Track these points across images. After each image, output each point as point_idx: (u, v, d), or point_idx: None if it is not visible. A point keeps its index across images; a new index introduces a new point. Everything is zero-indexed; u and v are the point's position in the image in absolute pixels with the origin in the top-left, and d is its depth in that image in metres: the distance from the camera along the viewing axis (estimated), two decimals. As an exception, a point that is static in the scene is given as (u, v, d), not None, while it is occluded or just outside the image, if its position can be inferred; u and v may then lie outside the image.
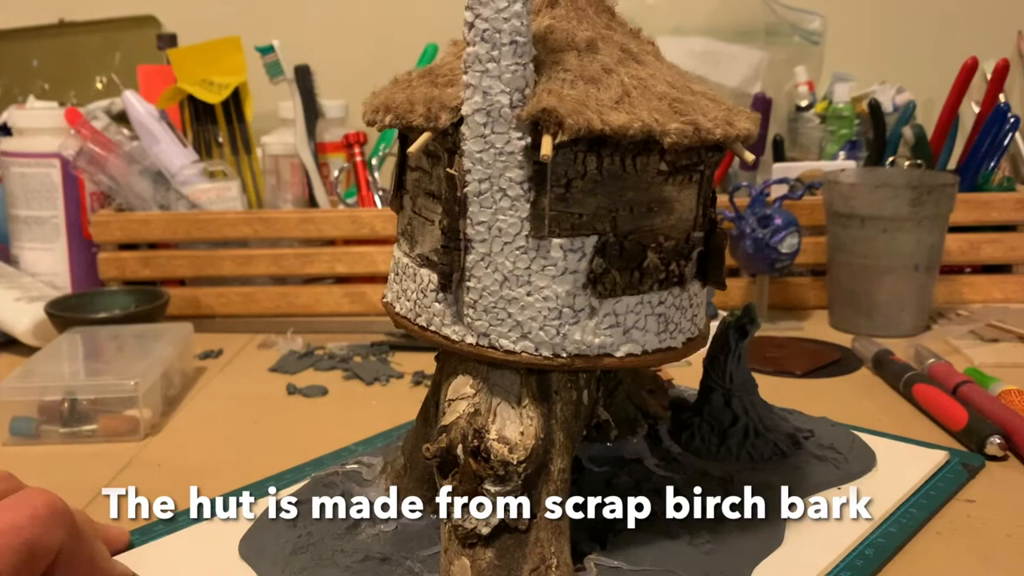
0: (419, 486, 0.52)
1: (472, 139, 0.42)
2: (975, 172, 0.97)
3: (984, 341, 0.83)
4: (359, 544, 0.49)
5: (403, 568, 0.47)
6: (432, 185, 0.45)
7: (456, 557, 0.44)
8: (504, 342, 0.44)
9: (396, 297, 0.49)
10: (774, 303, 0.93)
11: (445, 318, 0.46)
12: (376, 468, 0.56)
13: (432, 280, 0.46)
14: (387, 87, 0.48)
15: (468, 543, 0.44)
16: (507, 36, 0.41)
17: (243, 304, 0.96)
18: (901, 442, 0.62)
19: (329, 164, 1.05)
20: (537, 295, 0.44)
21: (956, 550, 0.50)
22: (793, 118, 1.08)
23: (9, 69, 1.27)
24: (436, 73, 0.46)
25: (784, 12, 1.09)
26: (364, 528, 0.50)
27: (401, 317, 0.49)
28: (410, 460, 0.53)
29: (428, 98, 0.43)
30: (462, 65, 0.42)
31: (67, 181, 0.98)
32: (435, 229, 0.45)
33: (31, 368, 0.71)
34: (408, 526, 0.50)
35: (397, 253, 0.50)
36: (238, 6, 1.23)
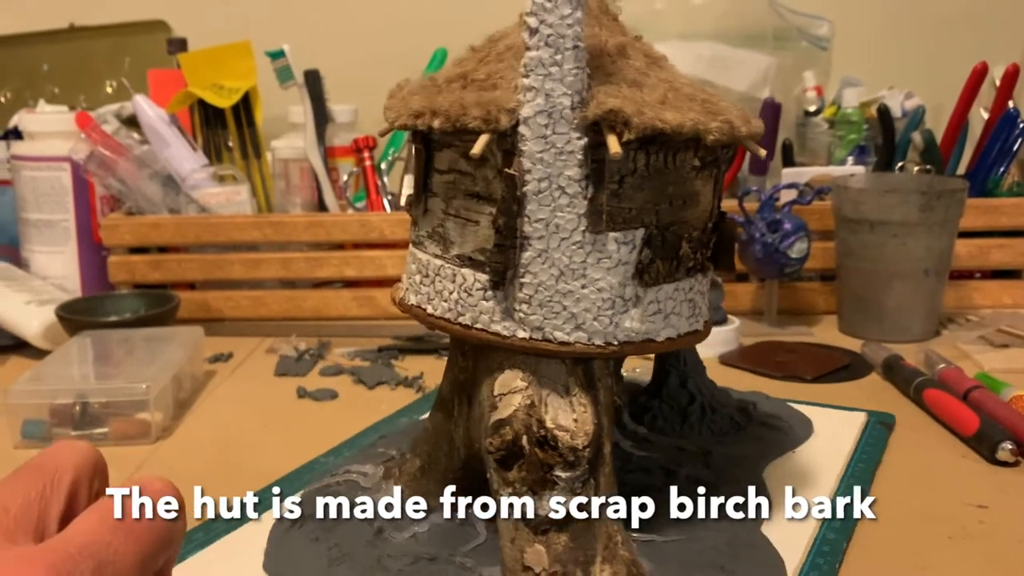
0: (440, 485, 0.52)
1: (533, 140, 0.44)
2: (984, 177, 0.96)
3: (994, 346, 0.83)
4: (399, 548, 0.49)
5: (455, 565, 0.48)
6: (477, 186, 0.46)
7: (529, 545, 0.45)
8: (558, 334, 0.46)
9: (427, 299, 0.49)
10: (783, 308, 0.93)
11: (494, 315, 0.47)
12: (375, 475, 0.56)
13: (478, 279, 0.47)
14: (410, 92, 0.48)
15: (541, 530, 0.45)
16: (570, 41, 0.43)
17: (252, 308, 0.96)
18: (826, 408, 0.69)
19: (338, 168, 1.05)
20: (592, 287, 0.46)
21: (968, 556, 0.50)
22: (802, 123, 1.08)
23: (20, 73, 1.27)
24: (470, 78, 0.46)
25: (792, 17, 1.09)
26: (390, 533, 0.50)
27: (436, 318, 0.49)
28: (428, 461, 0.53)
29: (483, 101, 0.44)
30: (521, 69, 0.44)
31: (77, 185, 0.98)
32: (481, 229, 0.46)
33: (42, 371, 0.72)
34: (439, 525, 0.51)
35: (424, 256, 0.49)
36: (248, 11, 1.24)
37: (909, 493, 0.58)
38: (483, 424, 0.47)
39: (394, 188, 1.02)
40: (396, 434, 0.64)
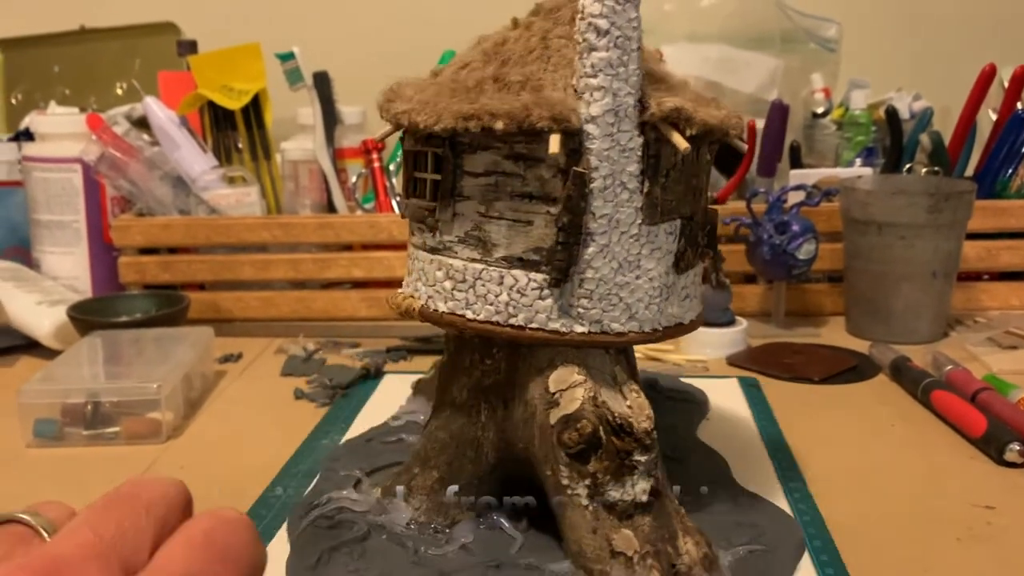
0: (464, 494, 0.52)
1: (601, 138, 0.46)
2: (993, 179, 0.96)
3: (1002, 348, 0.83)
4: (451, 562, 0.48)
5: (521, 567, 0.48)
6: (528, 187, 0.47)
7: (615, 532, 0.46)
8: (615, 325, 0.48)
9: (464, 305, 0.49)
10: (791, 309, 0.93)
11: (551, 313, 0.48)
12: (367, 497, 0.54)
13: (533, 279, 0.47)
14: (431, 95, 0.48)
15: (627, 515, 0.46)
16: (635, 43, 0.46)
17: (262, 308, 0.97)
18: (703, 379, 0.76)
19: (347, 170, 1.06)
20: (644, 277, 0.49)
21: (976, 557, 0.50)
22: (809, 125, 1.08)
23: (31, 75, 1.28)
24: (506, 80, 0.47)
25: (800, 19, 1.09)
26: (428, 549, 0.49)
27: (480, 323, 0.48)
28: (448, 472, 0.52)
29: (547, 101, 0.45)
30: (588, 69, 0.45)
31: (88, 186, 0.99)
32: (535, 229, 0.47)
33: (53, 371, 0.72)
34: (478, 533, 0.51)
35: (456, 262, 0.49)
36: (258, 13, 1.24)
37: (916, 494, 0.58)
38: (537, 423, 0.48)
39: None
40: (344, 455, 0.62)
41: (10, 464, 0.65)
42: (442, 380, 0.54)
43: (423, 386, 0.69)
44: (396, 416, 0.68)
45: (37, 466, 0.64)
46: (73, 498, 0.59)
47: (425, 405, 0.65)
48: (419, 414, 0.66)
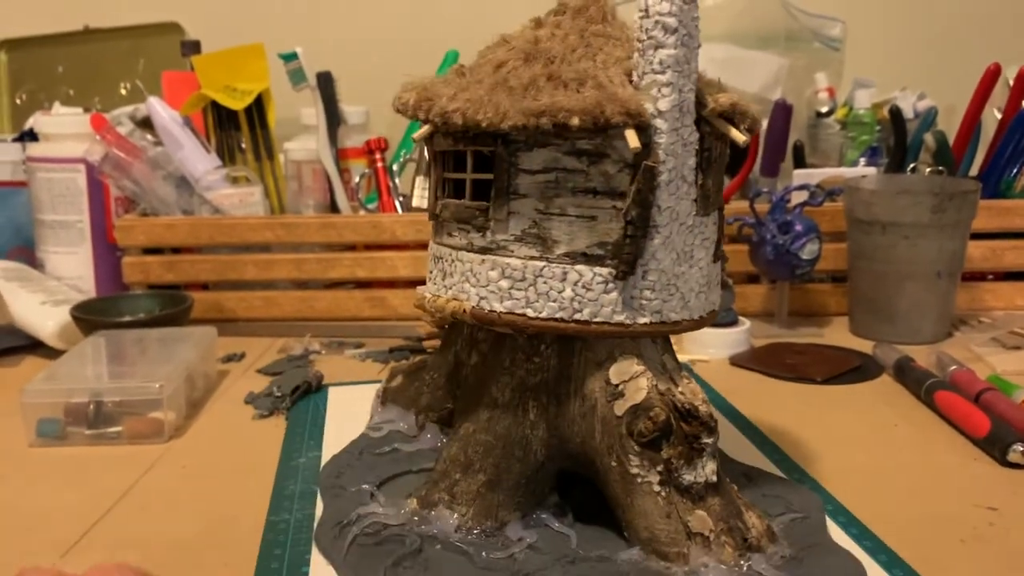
0: (512, 494, 0.52)
1: (668, 132, 0.47)
2: (997, 179, 0.96)
3: (1006, 348, 0.83)
4: (524, 564, 0.48)
5: (593, 561, 0.48)
6: (592, 182, 0.47)
7: (689, 513, 0.47)
8: (672, 315, 0.50)
9: (525, 304, 0.49)
10: (794, 309, 0.93)
11: (616, 306, 0.48)
12: (401, 510, 0.52)
13: (598, 273, 0.48)
14: (481, 94, 0.47)
15: (699, 496, 0.48)
16: (696, 40, 0.48)
17: (265, 308, 0.97)
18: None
19: (351, 170, 1.06)
20: (696, 267, 0.51)
21: (979, 558, 0.50)
22: (813, 124, 1.08)
23: (35, 75, 1.28)
24: (562, 78, 0.47)
25: (804, 18, 1.09)
26: (490, 554, 0.49)
27: (542, 321, 0.49)
28: (496, 474, 0.51)
29: (618, 98, 0.45)
30: (656, 66, 0.46)
31: (92, 186, 0.99)
32: (599, 223, 0.48)
33: (57, 371, 0.72)
34: (536, 533, 0.51)
35: (513, 260, 0.49)
36: (261, 13, 1.24)
37: (920, 495, 0.58)
38: (598, 416, 0.49)
39: (406, 190, 1.02)
40: (345, 470, 0.59)
41: (13, 463, 0.65)
42: (474, 382, 0.53)
43: (393, 394, 0.66)
44: (375, 427, 0.64)
45: (40, 465, 0.64)
46: (75, 497, 0.59)
47: (402, 414, 0.63)
48: (399, 423, 0.63)
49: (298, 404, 0.74)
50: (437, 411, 0.62)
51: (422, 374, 0.64)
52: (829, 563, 0.49)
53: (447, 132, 0.49)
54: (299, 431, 0.69)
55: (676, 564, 0.47)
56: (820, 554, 0.49)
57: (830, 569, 0.48)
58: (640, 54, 0.47)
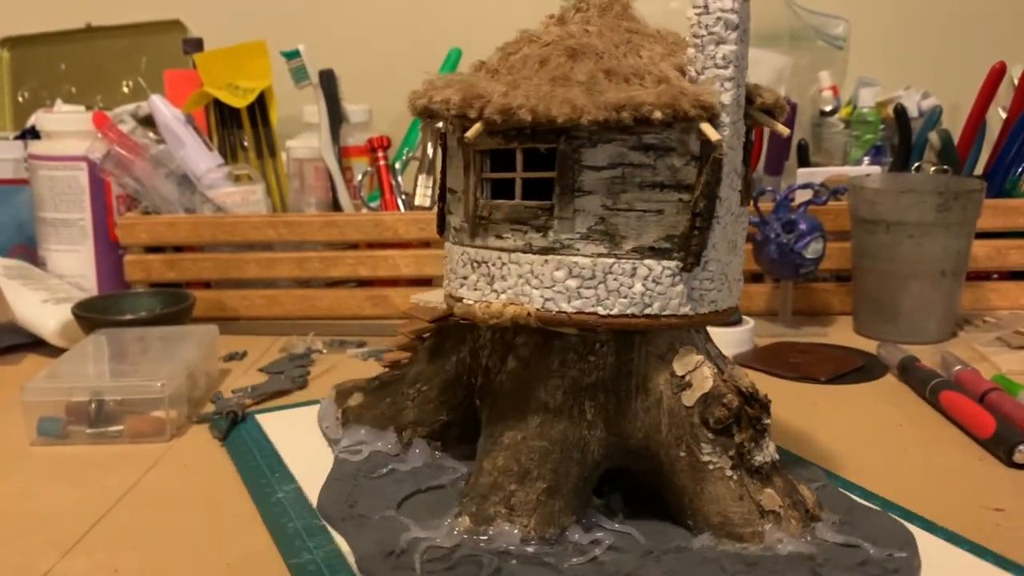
0: (571, 499, 0.51)
1: (729, 125, 0.48)
2: (1002, 178, 0.96)
3: (1011, 348, 0.82)
4: (619, 565, 0.48)
5: (673, 552, 0.49)
6: (659, 176, 0.48)
7: (759, 493, 0.49)
8: (723, 304, 0.51)
9: (595, 302, 0.48)
10: (798, 309, 0.93)
11: (682, 299, 0.49)
12: (448, 530, 0.50)
13: (667, 266, 0.49)
14: (556, 88, 0.47)
15: (765, 475, 0.50)
16: (747, 36, 0.49)
17: (267, 307, 0.97)
18: None
19: (353, 168, 1.06)
20: (737, 257, 0.52)
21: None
22: (817, 123, 1.08)
23: (37, 73, 1.28)
24: (621, 73, 0.47)
25: (808, 17, 1.09)
26: (569, 563, 0.48)
27: (613, 318, 0.48)
28: (556, 478, 0.50)
29: (690, 91, 0.46)
30: (719, 60, 0.47)
31: (94, 184, 0.99)
32: (665, 217, 0.48)
33: (58, 369, 0.72)
34: (609, 533, 0.50)
35: (581, 259, 0.48)
36: (264, 11, 1.24)
37: (925, 496, 0.57)
38: (665, 408, 0.50)
39: (408, 188, 1.02)
40: (358, 499, 0.55)
41: (14, 462, 0.65)
42: (513, 388, 0.52)
43: (356, 414, 0.63)
44: (351, 450, 0.60)
45: (41, 464, 0.64)
46: (76, 496, 0.59)
47: (376, 433, 0.61)
48: (375, 443, 0.60)
49: (231, 435, 0.67)
50: (427, 425, 0.59)
51: (398, 388, 0.61)
52: (877, 523, 0.52)
53: (500, 130, 0.48)
54: (250, 464, 0.62)
55: (752, 543, 0.48)
56: (863, 516, 0.52)
57: (881, 529, 0.51)
58: (699, 49, 0.47)
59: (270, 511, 0.55)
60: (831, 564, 0.48)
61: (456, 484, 0.56)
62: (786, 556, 0.48)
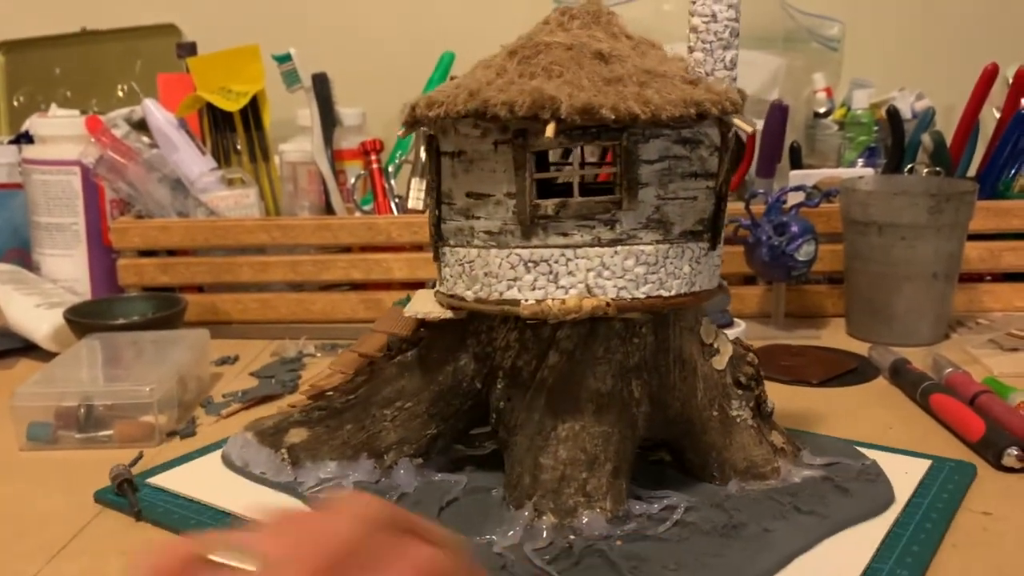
0: (629, 475, 0.53)
1: (740, 119, 0.52)
2: (995, 179, 0.96)
3: (1003, 350, 0.82)
4: (710, 538, 0.50)
5: (724, 510, 0.53)
6: (694, 166, 0.52)
7: (771, 434, 0.57)
8: (719, 277, 0.56)
9: (659, 286, 0.52)
10: (791, 311, 0.93)
11: (711, 274, 0.55)
12: (540, 524, 0.50)
13: (701, 247, 0.53)
14: (609, 87, 0.48)
15: (772, 419, 0.58)
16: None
17: (260, 310, 0.97)
18: None
19: (346, 171, 1.06)
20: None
21: (972, 563, 0.50)
22: (811, 125, 1.08)
23: (32, 77, 1.29)
24: (657, 73, 0.50)
25: (802, 18, 1.09)
26: (664, 534, 0.50)
27: (673, 299, 0.52)
28: (619, 460, 0.52)
29: (724, 90, 0.51)
30: (727, 63, 0.53)
31: (87, 188, 0.99)
32: (699, 203, 0.53)
33: (49, 374, 0.72)
34: (653, 501, 0.53)
35: (645, 247, 0.51)
36: (257, 15, 1.24)
37: (913, 499, 0.57)
38: (700, 375, 0.55)
39: (401, 191, 1.02)
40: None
41: (3, 467, 0.65)
42: (557, 382, 0.53)
43: (305, 451, 0.58)
44: (333, 485, 0.57)
45: (30, 469, 0.64)
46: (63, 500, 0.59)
47: (342, 465, 0.57)
48: (351, 474, 0.57)
49: (143, 505, 0.57)
50: (414, 443, 0.58)
51: (361, 413, 0.58)
52: (833, 447, 0.60)
53: (566, 129, 0.49)
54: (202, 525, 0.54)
55: (772, 478, 0.55)
56: (819, 444, 0.60)
57: (841, 450, 0.59)
58: (707, 53, 0.53)
59: None
60: (841, 478, 0.56)
61: (475, 493, 0.55)
62: (803, 481, 0.56)
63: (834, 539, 0.51)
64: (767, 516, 0.52)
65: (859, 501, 0.54)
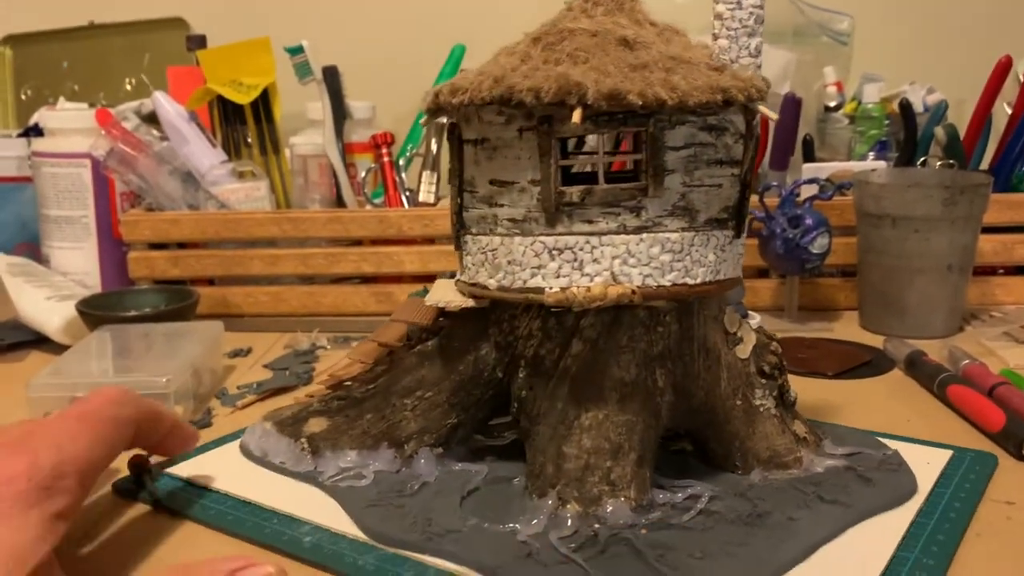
0: (652, 465, 0.53)
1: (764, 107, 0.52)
2: (1008, 173, 0.95)
3: (1018, 343, 0.82)
4: (735, 526, 0.50)
5: (747, 499, 0.53)
6: (719, 153, 0.52)
7: (793, 424, 0.57)
8: (739, 266, 0.56)
9: (684, 274, 0.52)
10: (804, 304, 0.93)
11: (736, 262, 0.55)
12: (564, 512, 0.50)
13: (726, 235, 0.53)
14: (635, 73, 0.48)
15: (794, 409, 0.58)
16: None
17: (271, 304, 0.97)
18: None
19: (356, 164, 1.05)
20: None
21: (996, 552, 0.50)
22: (822, 118, 1.08)
23: (40, 71, 1.28)
24: (678, 58, 0.50)
25: (812, 12, 1.09)
26: (689, 522, 0.50)
27: (699, 287, 0.52)
28: (643, 449, 0.52)
29: (750, 77, 0.51)
30: (752, 50, 0.53)
31: (97, 181, 0.99)
32: (724, 190, 0.52)
33: (62, 366, 0.72)
34: (675, 491, 0.53)
35: (670, 235, 0.51)
36: (267, 7, 1.24)
37: (934, 489, 0.57)
38: (724, 364, 0.55)
39: (412, 184, 1.02)
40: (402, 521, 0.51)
41: (19, 458, 0.64)
42: (580, 370, 0.52)
43: (325, 440, 0.58)
44: (354, 474, 0.56)
45: (46, 460, 0.64)
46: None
47: (362, 455, 0.57)
48: (371, 463, 0.57)
49: (160, 494, 0.57)
50: (435, 432, 0.57)
51: (381, 402, 0.58)
52: (854, 437, 0.60)
53: (592, 115, 0.48)
54: (227, 517, 0.54)
55: (795, 468, 0.55)
56: (840, 435, 0.60)
57: (862, 441, 0.59)
58: (732, 40, 0.53)
59: (321, 554, 0.49)
60: (864, 467, 0.56)
61: (496, 483, 0.55)
62: (826, 471, 0.55)
63: (858, 528, 0.50)
64: (791, 505, 0.52)
65: (882, 490, 0.53)
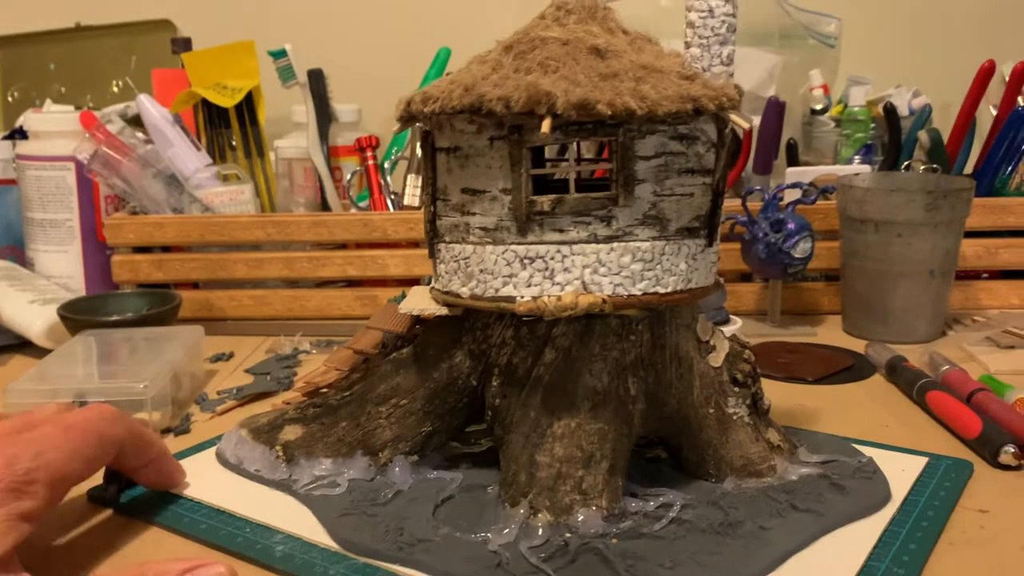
0: (624, 473, 0.53)
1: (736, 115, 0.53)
2: (992, 176, 0.96)
3: (1000, 348, 0.82)
4: (708, 534, 0.50)
5: (720, 508, 0.52)
6: (690, 162, 0.52)
7: (767, 432, 0.57)
8: (713, 274, 0.56)
9: (655, 283, 0.52)
10: (787, 308, 0.93)
11: (708, 271, 0.55)
12: (534, 523, 0.50)
13: (698, 243, 0.53)
14: (604, 83, 0.48)
15: (767, 417, 0.58)
16: None
17: (255, 307, 0.97)
18: None
19: (342, 168, 1.05)
20: None
21: (969, 562, 0.50)
22: (808, 122, 1.08)
23: (26, 73, 1.28)
24: (655, 68, 0.50)
25: (799, 15, 1.08)
26: (661, 531, 0.51)
27: (669, 295, 0.52)
28: (615, 457, 0.52)
29: (722, 86, 0.51)
30: (724, 58, 0.53)
31: (82, 184, 0.99)
32: (695, 199, 0.52)
33: (43, 370, 0.72)
34: (646, 499, 0.53)
35: (640, 244, 0.51)
36: (253, 10, 1.24)
37: (909, 496, 0.57)
38: (696, 372, 0.55)
39: (397, 187, 1.02)
40: (376, 531, 0.50)
41: (-4, 465, 0.64)
42: (553, 380, 0.52)
43: (300, 447, 0.58)
44: (328, 483, 0.56)
45: (23, 467, 0.64)
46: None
47: (337, 463, 0.57)
48: (345, 471, 0.56)
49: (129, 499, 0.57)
50: (410, 440, 0.57)
51: (356, 410, 0.58)
52: (828, 443, 0.60)
53: (561, 125, 0.48)
54: (200, 526, 0.53)
55: (769, 476, 0.55)
56: (815, 441, 0.60)
57: (836, 447, 0.59)
58: (704, 49, 0.53)
59: (292, 563, 0.48)
60: (838, 475, 0.56)
61: (470, 491, 0.55)
62: (800, 479, 0.55)
63: (830, 537, 0.50)
64: (763, 514, 0.52)
65: (855, 499, 0.53)
